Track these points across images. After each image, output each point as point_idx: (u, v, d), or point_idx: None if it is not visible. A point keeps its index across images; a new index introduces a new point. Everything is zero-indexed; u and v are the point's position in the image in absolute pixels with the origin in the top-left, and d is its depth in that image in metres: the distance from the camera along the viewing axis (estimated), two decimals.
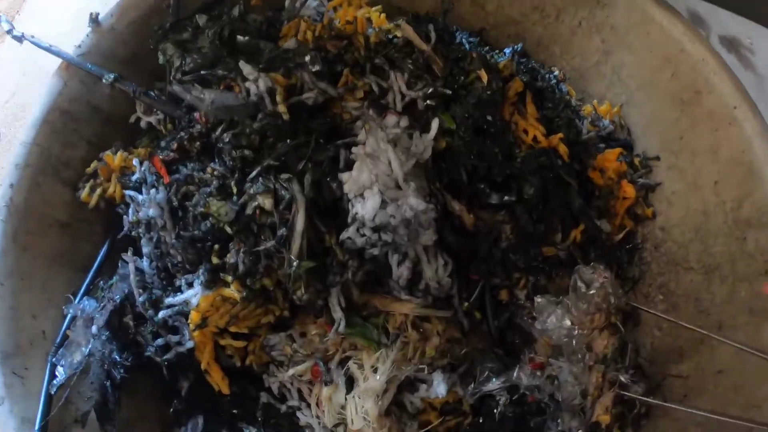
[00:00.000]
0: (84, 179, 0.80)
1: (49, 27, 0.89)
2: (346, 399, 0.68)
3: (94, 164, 0.80)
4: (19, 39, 0.83)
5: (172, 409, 0.77)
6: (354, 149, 0.61)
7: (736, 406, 0.71)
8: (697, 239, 0.84)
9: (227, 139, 0.65)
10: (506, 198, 0.69)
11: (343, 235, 0.60)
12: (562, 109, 0.79)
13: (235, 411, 0.80)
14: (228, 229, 0.63)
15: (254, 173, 0.63)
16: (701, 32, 0.82)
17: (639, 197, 0.87)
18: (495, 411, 0.75)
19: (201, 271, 0.66)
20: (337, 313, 0.64)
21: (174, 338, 0.70)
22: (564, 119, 0.78)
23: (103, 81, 0.77)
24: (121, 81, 0.78)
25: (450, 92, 0.70)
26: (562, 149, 0.73)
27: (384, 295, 0.67)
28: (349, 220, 0.60)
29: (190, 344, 0.70)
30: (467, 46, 0.83)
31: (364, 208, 0.58)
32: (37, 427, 0.68)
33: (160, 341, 0.70)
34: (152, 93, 0.77)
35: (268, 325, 0.70)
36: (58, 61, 0.81)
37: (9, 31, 0.82)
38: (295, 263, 0.60)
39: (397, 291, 0.65)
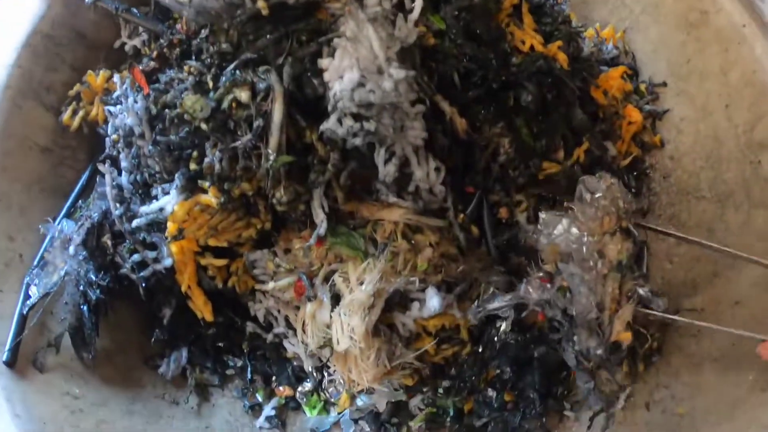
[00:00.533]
0: (66, 102, 0.78)
1: None
2: (331, 317, 0.63)
3: (76, 87, 0.78)
4: None
5: (153, 339, 0.73)
6: (336, 40, 0.57)
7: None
8: (709, 166, 0.80)
9: (205, 35, 0.62)
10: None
11: (323, 126, 0.56)
12: (561, 22, 0.76)
13: (220, 344, 0.76)
14: (204, 127, 0.59)
15: (231, 66, 0.60)
16: None
17: (646, 125, 0.84)
18: (495, 339, 0.71)
19: (177, 176, 0.62)
20: (319, 216, 0.60)
21: (151, 254, 0.66)
22: (563, 33, 0.74)
23: (85, 1, 0.75)
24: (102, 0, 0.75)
25: None
26: (561, 57, 0.69)
27: (372, 203, 0.63)
28: (329, 108, 0.56)
29: (168, 261, 0.66)
30: None
31: (342, 84, 0.54)
32: (7, 347, 0.65)
33: (136, 257, 0.67)
34: (135, 10, 0.74)
35: (250, 240, 0.67)
36: None
37: None
38: (272, 157, 0.57)
39: (385, 194, 0.61)
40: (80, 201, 0.75)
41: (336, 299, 0.64)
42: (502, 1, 0.70)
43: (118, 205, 0.66)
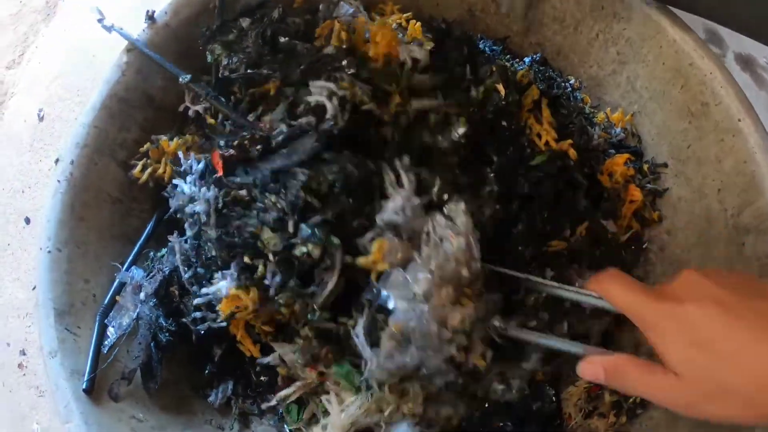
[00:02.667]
0: (137, 158, 0.88)
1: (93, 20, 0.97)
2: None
3: (147, 145, 0.88)
4: (108, 29, 0.91)
5: (207, 371, 0.85)
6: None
7: None
8: (700, 243, 0.88)
9: (301, 177, 0.68)
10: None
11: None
12: (575, 116, 0.85)
13: (263, 378, 0.87)
14: (270, 258, 0.68)
15: (313, 222, 0.66)
16: (711, 48, 0.86)
17: (646, 202, 0.92)
18: None
19: (233, 265, 0.71)
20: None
21: (210, 315, 0.77)
22: (577, 125, 0.84)
23: (180, 80, 0.84)
24: (194, 82, 0.84)
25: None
26: (572, 153, 0.78)
27: None
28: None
29: (223, 324, 0.77)
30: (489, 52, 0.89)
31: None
32: (86, 377, 0.76)
33: (197, 314, 0.77)
34: (222, 99, 0.82)
35: None
36: (102, 47, 0.89)
37: (99, 20, 0.91)
38: (317, 314, 0.67)
39: None
40: (148, 250, 0.86)
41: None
42: (524, 99, 0.79)
43: (186, 268, 0.77)
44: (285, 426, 0.88)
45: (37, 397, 1.28)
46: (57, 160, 1.48)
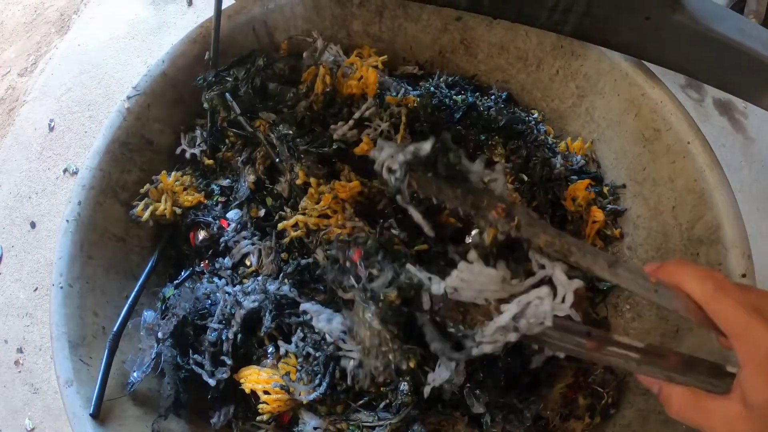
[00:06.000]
0: (138, 198, 0.95)
1: (104, 31, 1.03)
2: None
3: (146, 186, 0.95)
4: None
5: (209, 396, 0.90)
6: None
7: None
8: (659, 256, 0.95)
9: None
10: None
11: None
12: (538, 148, 0.94)
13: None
14: None
15: None
16: (660, 79, 0.95)
17: (608, 221, 1.00)
18: None
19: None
20: None
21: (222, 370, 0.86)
22: (540, 159, 0.92)
23: (232, 115, 0.93)
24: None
25: None
26: None
27: None
28: None
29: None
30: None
31: None
32: (93, 402, 0.81)
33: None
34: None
35: None
36: (114, 63, 0.96)
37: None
38: None
39: None
40: (154, 289, 0.93)
41: None
42: None
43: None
44: None
45: (31, 393, 1.32)
46: (65, 170, 1.55)
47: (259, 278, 0.86)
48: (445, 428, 0.89)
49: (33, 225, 1.48)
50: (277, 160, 0.85)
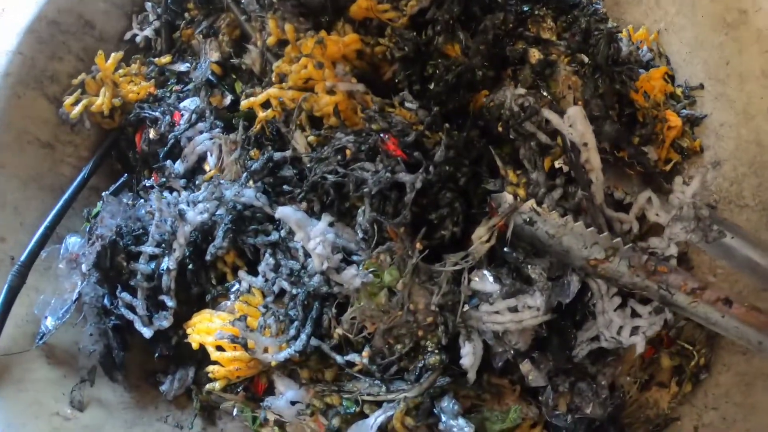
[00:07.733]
0: (69, 91, 0.73)
1: None
2: None
3: (82, 76, 0.73)
4: None
5: (157, 354, 0.66)
6: None
7: None
8: (752, 173, 0.77)
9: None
10: None
11: None
12: (600, 21, 0.73)
13: None
14: None
15: None
16: None
17: (685, 129, 0.80)
18: None
19: None
20: None
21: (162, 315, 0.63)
22: (604, 33, 0.70)
23: None
24: None
25: None
26: None
27: None
28: None
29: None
30: None
31: None
32: None
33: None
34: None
35: None
36: None
37: None
38: None
39: None
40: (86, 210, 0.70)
41: None
42: None
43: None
44: None
45: None
46: None
47: (216, 182, 0.62)
48: (489, 403, 0.65)
49: None
50: (243, 18, 0.63)
